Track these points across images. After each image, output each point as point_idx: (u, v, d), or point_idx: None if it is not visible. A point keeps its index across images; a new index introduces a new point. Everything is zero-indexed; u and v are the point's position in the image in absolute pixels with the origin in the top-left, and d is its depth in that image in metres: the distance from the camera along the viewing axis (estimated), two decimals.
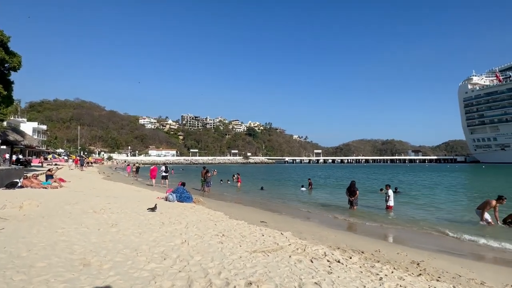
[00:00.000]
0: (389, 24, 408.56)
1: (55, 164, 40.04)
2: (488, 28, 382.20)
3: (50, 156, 48.16)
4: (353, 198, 12.37)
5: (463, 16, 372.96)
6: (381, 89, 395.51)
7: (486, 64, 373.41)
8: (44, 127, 79.75)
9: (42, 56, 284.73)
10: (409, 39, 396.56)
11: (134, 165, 33.50)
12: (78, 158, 38.97)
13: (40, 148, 59.04)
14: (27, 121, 68.71)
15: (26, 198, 8.44)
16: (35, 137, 66.05)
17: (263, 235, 6.03)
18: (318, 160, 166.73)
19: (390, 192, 12.56)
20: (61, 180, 15.78)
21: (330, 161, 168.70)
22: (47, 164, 39.53)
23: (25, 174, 12.56)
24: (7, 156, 31.72)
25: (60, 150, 76.91)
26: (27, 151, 42.33)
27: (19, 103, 52.26)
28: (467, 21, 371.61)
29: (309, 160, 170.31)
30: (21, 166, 28.77)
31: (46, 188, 12.40)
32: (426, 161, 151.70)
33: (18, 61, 16.56)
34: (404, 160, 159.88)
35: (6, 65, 16.17)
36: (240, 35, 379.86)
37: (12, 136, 26.60)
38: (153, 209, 7.85)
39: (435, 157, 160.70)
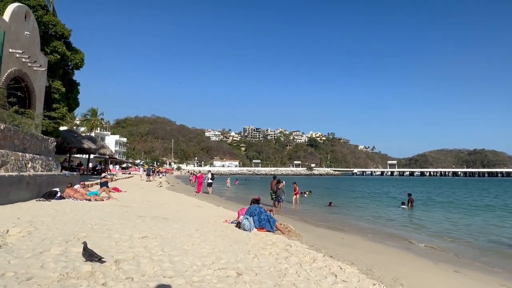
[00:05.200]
0: (468, 20, 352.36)
1: (129, 172, 41.68)
2: None
3: (124, 165, 50.77)
4: None
5: None
6: (460, 92, 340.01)
7: None
8: (125, 139, 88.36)
9: (130, 75, 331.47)
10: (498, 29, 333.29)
11: (191, 174, 32.17)
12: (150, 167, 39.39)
13: (120, 158, 64.48)
14: (111, 134, 76.95)
15: (27, 220, 5.26)
16: (116, 148, 73.01)
17: None
18: (392, 172, 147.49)
19: None
20: (116, 189, 13.42)
21: (408, 173, 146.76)
22: (129, 173, 41.50)
23: (69, 183, 10.11)
24: (90, 164, 33.22)
25: (138, 161, 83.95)
26: (109, 161, 45.42)
27: (103, 115, 58.43)
28: None
29: (382, 172, 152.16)
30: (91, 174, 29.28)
31: (90, 200, 9.71)
32: None
33: (81, 58, 15.28)
34: (509, 173, 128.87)
35: (69, 63, 14.93)
36: (302, 44, 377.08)
37: (87, 144, 26.99)
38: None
39: None
